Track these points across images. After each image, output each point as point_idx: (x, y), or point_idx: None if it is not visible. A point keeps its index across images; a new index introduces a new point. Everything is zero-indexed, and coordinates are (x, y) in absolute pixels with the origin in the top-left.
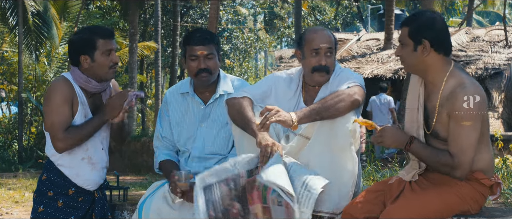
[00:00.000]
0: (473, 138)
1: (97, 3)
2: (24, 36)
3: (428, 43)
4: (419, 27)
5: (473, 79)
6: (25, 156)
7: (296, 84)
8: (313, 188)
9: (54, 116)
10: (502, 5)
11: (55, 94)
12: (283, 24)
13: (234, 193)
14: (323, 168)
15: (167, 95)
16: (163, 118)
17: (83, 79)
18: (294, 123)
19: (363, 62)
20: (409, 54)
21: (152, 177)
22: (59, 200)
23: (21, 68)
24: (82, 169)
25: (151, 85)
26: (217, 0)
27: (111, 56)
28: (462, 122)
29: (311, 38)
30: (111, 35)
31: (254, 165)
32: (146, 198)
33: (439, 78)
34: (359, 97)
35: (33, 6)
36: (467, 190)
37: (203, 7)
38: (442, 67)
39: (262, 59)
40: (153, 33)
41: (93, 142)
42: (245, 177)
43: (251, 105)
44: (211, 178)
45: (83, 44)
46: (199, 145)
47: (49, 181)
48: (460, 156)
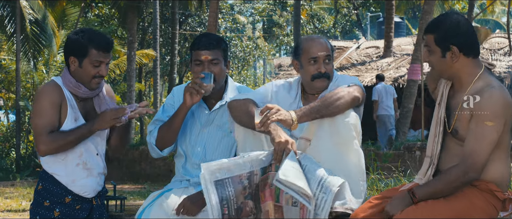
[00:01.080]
0: (491, 139)
1: (95, 11)
2: (22, 44)
3: (456, 49)
4: (445, 34)
5: (502, 84)
6: (22, 165)
7: (295, 92)
8: (329, 190)
9: (38, 119)
10: (501, 13)
11: (42, 98)
12: (282, 32)
13: (248, 191)
14: (330, 165)
15: (174, 91)
16: (167, 108)
17: (72, 84)
18: (294, 122)
19: (362, 70)
20: (438, 61)
21: (150, 186)
22: (56, 210)
23: (19, 76)
24: (77, 175)
25: (149, 93)
26: (216, 8)
27: (100, 69)
28: (485, 122)
29: (308, 47)
30: (107, 47)
31: (268, 163)
32: (144, 209)
33: (468, 80)
34: (358, 94)
35: (31, 14)
36: (479, 201)
37: (202, 15)
38: (472, 70)
39: (261, 67)
40: (152, 41)
41: (87, 147)
42: (259, 175)
43: (256, 105)
44: (222, 173)
45: (76, 47)
46: (200, 151)
47: (45, 190)
48: (474, 156)
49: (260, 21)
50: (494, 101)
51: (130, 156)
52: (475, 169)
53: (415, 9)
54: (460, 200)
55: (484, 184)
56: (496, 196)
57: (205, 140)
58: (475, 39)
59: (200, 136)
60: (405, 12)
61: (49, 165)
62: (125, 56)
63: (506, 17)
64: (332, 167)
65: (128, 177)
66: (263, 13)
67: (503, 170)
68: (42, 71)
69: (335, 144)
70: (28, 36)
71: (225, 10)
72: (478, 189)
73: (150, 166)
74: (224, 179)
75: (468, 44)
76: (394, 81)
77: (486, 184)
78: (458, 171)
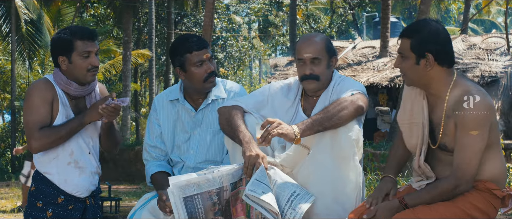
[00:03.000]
0: (478, 148)
1: (91, 11)
2: (17, 44)
3: (432, 57)
4: (422, 40)
5: (479, 87)
6: (18, 165)
7: (294, 94)
8: (298, 207)
9: (29, 115)
10: (497, 13)
11: (33, 94)
12: (278, 32)
13: (218, 206)
14: (325, 179)
15: (155, 102)
16: (153, 126)
17: (63, 82)
18: (296, 136)
19: (358, 70)
20: (410, 67)
21: (146, 186)
22: (48, 210)
23: (14, 76)
24: (69, 174)
25: (145, 93)
26: (212, 8)
27: (90, 59)
28: (470, 131)
29: (298, 47)
30: (91, 36)
31: (238, 177)
32: (135, 211)
33: (443, 90)
34: (362, 103)
35: (26, 14)
36: (477, 201)
37: (198, 15)
38: (446, 79)
39: (257, 67)
40: (147, 41)
41: (77, 145)
42: (229, 190)
43: (241, 113)
44: (191, 189)
45: (61, 45)
46: (192, 153)
47: (38, 191)
48: (464, 167)
49: (256, 21)
50: (476, 109)
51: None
52: (465, 181)
53: (411, 9)
54: (459, 202)
55: (482, 183)
56: (495, 194)
57: (197, 142)
58: (451, 49)
59: (191, 139)
60: (401, 12)
61: (42, 165)
62: (120, 56)
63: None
64: (327, 182)
65: (123, 177)
66: (259, 13)
67: (499, 167)
68: (37, 71)
69: (335, 158)
70: (23, 36)
71: (220, 10)
72: (476, 190)
73: None
74: (193, 196)
75: (444, 54)
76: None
77: (484, 184)
78: (449, 185)
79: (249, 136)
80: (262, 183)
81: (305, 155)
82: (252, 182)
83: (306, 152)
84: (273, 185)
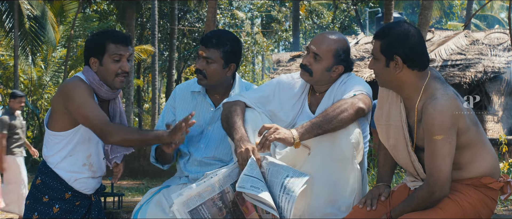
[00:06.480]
0: (446, 152)
1: (94, 7)
2: (20, 40)
3: (400, 60)
4: (391, 42)
5: (446, 89)
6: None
7: (302, 88)
8: (292, 190)
9: (91, 111)
10: (500, 8)
11: (81, 92)
12: (281, 28)
13: (225, 210)
14: (324, 181)
15: (176, 90)
16: (168, 113)
17: (96, 81)
18: (295, 140)
19: (361, 66)
20: (381, 69)
21: (148, 182)
22: (55, 206)
23: (17, 72)
24: (81, 175)
25: (148, 89)
26: (215, 4)
27: (121, 63)
28: (433, 136)
29: (314, 37)
30: (124, 40)
31: (235, 176)
32: (141, 206)
33: (415, 94)
34: (363, 105)
35: (29, 9)
36: (475, 197)
37: (201, 10)
38: (417, 83)
39: (260, 63)
40: (150, 36)
41: (96, 149)
42: (231, 192)
43: (241, 110)
44: (194, 201)
45: (93, 46)
46: (202, 147)
47: (44, 185)
48: (436, 174)
49: (259, 16)
50: (438, 113)
51: None
52: (439, 186)
53: (414, 4)
54: (456, 200)
55: (477, 180)
56: (492, 187)
57: (208, 137)
58: (424, 53)
59: (204, 133)
60: (404, 8)
61: (56, 159)
62: None
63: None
64: (326, 184)
65: (126, 173)
66: (261, 8)
67: (490, 160)
68: (40, 67)
69: (334, 160)
70: (26, 32)
71: (223, 6)
72: (473, 187)
73: (149, 162)
74: (197, 207)
75: (413, 57)
76: None
77: (479, 180)
78: (423, 193)
79: (242, 133)
80: (251, 176)
81: (305, 155)
82: (241, 178)
83: (306, 151)
84: (266, 175)
